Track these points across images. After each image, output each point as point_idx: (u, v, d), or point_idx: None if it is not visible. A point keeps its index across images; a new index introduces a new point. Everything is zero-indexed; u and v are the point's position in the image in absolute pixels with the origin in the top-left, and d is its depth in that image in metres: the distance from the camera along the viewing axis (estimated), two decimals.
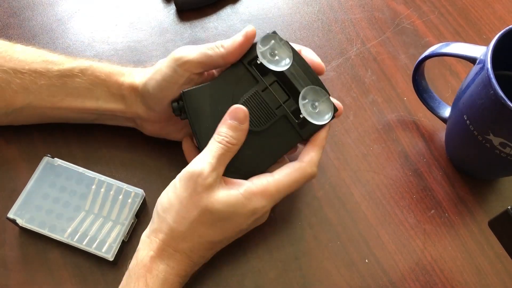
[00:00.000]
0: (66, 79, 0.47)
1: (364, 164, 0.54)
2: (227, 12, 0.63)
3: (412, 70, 0.53)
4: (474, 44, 0.48)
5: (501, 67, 0.46)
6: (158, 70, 0.45)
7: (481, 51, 0.46)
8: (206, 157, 0.42)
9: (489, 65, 0.43)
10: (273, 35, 0.45)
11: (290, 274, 0.48)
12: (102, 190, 0.48)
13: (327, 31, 0.62)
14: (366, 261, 0.49)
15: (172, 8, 0.63)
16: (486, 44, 0.45)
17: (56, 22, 0.60)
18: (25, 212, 0.47)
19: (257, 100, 0.45)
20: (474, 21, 0.64)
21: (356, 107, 0.57)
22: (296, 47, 0.46)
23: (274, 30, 0.45)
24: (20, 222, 0.46)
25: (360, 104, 0.57)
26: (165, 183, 0.43)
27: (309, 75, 0.45)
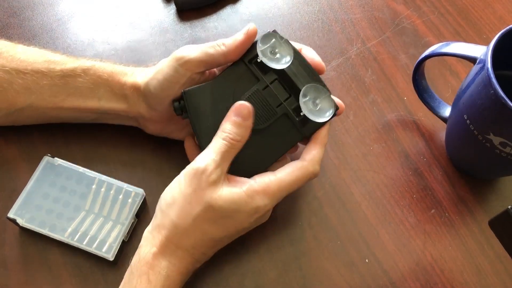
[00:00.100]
0: (68, 79, 0.47)
1: (364, 163, 0.54)
2: (227, 12, 0.63)
3: (412, 70, 0.53)
4: (474, 44, 0.49)
5: (501, 67, 0.46)
6: (159, 69, 0.45)
7: (481, 51, 0.46)
8: (210, 154, 0.42)
9: (489, 64, 0.43)
10: (273, 34, 0.45)
11: (290, 274, 0.48)
12: (102, 189, 0.48)
13: (327, 31, 0.62)
14: (366, 261, 0.49)
15: (172, 8, 0.63)
16: (486, 44, 0.45)
17: (56, 22, 0.60)
18: (25, 212, 0.47)
19: (258, 98, 0.45)
20: (474, 21, 0.63)
21: (356, 107, 0.57)
22: (296, 46, 0.46)
23: (274, 29, 0.45)
24: (20, 222, 0.46)
25: (360, 103, 0.57)
26: (165, 183, 0.43)
27: (309, 73, 0.45)
